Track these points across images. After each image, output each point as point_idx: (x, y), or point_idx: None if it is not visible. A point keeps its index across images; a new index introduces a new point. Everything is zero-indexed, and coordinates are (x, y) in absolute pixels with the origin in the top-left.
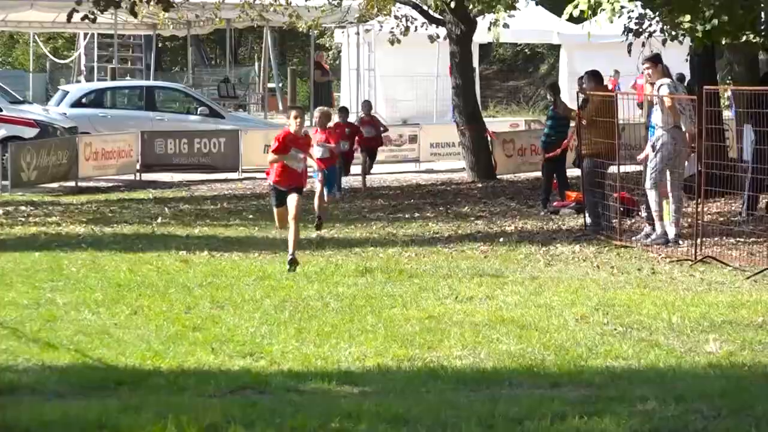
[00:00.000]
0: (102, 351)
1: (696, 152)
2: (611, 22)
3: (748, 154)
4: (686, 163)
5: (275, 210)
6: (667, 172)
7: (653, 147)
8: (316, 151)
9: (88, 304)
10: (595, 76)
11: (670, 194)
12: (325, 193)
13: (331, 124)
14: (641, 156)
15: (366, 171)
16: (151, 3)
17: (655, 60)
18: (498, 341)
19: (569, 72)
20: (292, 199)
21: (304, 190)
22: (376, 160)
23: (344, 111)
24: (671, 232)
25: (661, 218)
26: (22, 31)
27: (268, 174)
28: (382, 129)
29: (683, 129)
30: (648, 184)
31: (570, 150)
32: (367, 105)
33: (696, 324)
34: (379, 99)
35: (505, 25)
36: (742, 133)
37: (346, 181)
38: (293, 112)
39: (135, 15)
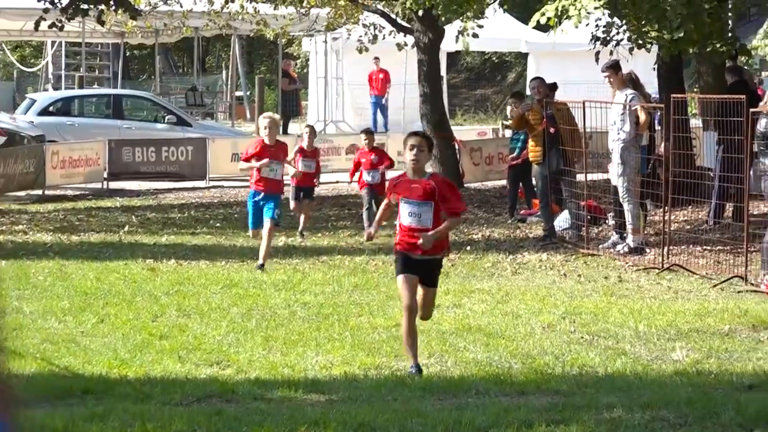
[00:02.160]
0: (68, 359)
1: (663, 159)
2: (576, 27)
3: (713, 162)
4: None
5: (400, 278)
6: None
7: (622, 160)
8: (267, 171)
9: (54, 312)
10: (548, 86)
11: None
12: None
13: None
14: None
15: (306, 215)
16: (119, 11)
17: (615, 67)
18: (465, 349)
19: None
20: (428, 294)
21: None
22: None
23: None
24: (635, 240)
25: (636, 231)
26: None
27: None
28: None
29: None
30: (626, 196)
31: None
32: (312, 132)
33: (663, 332)
34: (347, 107)
35: (474, 35)
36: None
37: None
38: (410, 141)
39: (102, 23)
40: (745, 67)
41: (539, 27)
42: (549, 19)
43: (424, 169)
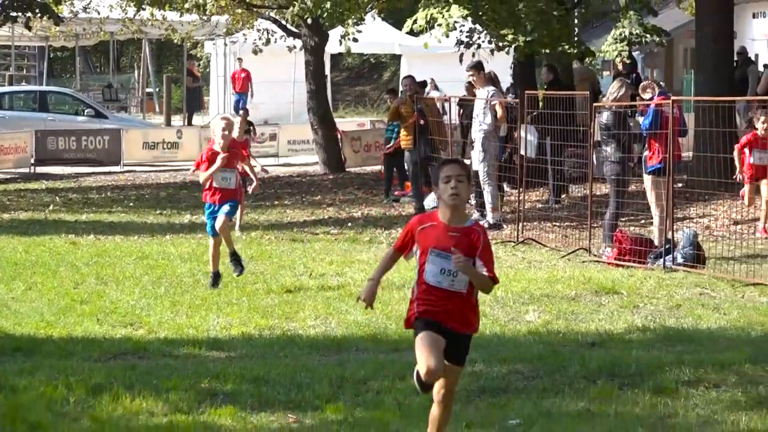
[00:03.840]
0: (0, 322)
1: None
2: (447, 36)
3: (531, 152)
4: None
5: (422, 336)
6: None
7: (483, 148)
8: (220, 180)
9: None
10: (417, 83)
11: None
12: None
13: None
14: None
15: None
16: (44, 18)
17: (478, 67)
18: (346, 312)
19: None
20: (453, 373)
21: None
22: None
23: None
24: (494, 218)
25: (495, 210)
26: None
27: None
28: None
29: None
30: (486, 180)
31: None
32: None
33: (518, 297)
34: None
35: (354, 39)
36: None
37: None
38: (446, 170)
39: (29, 28)
40: (590, 67)
41: (411, 32)
42: (420, 25)
43: (464, 211)
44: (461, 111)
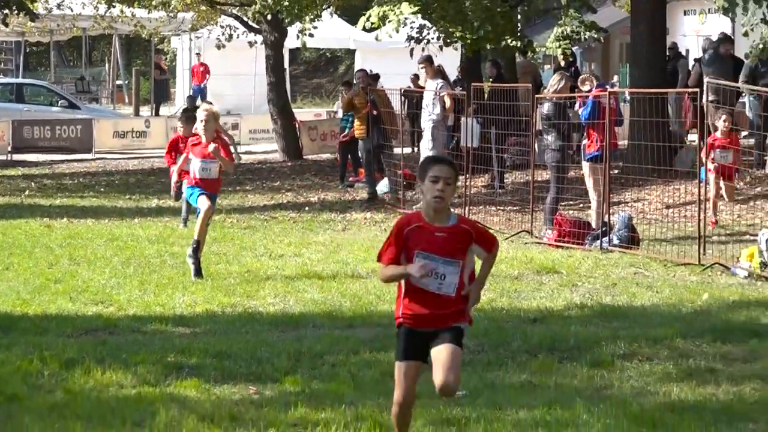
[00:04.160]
0: None
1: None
2: (397, 32)
3: (476, 142)
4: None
5: (400, 366)
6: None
7: (432, 137)
8: (201, 170)
9: None
10: (371, 76)
11: None
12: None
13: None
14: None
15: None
16: (20, 14)
17: (428, 61)
18: (304, 291)
19: None
20: (452, 353)
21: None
22: None
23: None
24: None
25: None
26: None
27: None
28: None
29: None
30: None
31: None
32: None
33: None
34: (208, 94)
35: (310, 35)
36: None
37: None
38: (433, 170)
39: (6, 25)
40: (532, 61)
41: (365, 28)
42: (373, 22)
43: (449, 210)
44: (405, 101)
